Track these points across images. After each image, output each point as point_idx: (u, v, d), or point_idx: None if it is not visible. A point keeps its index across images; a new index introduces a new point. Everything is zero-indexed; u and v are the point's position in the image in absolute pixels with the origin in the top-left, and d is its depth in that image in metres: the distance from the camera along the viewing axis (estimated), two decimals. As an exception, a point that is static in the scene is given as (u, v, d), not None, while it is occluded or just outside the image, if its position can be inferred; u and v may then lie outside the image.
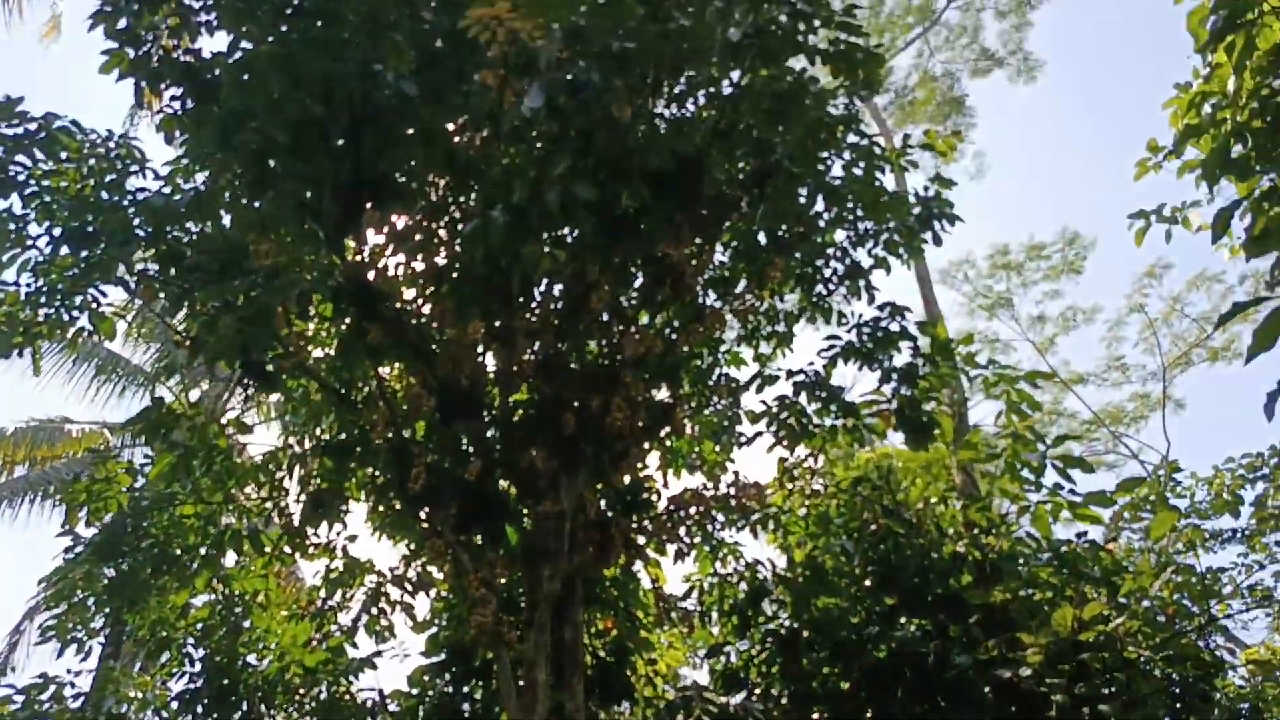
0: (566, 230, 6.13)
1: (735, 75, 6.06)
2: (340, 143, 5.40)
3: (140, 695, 7.00)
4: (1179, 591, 5.34)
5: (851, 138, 6.76)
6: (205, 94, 5.67)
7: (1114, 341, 21.81)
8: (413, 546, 7.24)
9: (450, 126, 6.03)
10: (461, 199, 6.26)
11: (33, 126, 5.48)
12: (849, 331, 6.92)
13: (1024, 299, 22.32)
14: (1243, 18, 4.05)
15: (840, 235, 7.31)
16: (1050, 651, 4.68)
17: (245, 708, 6.74)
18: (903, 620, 5.96)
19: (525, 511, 6.16)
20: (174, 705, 6.92)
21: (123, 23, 5.54)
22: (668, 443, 7.57)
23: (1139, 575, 5.39)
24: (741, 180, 6.55)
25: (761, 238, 7.03)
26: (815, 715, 6.19)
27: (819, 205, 6.92)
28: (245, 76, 5.21)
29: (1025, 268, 21.76)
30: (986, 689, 5.07)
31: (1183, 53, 4.97)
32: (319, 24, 5.22)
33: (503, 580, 5.99)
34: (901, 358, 6.77)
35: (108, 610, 6.97)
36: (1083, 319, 22.04)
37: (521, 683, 5.24)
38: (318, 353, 6.84)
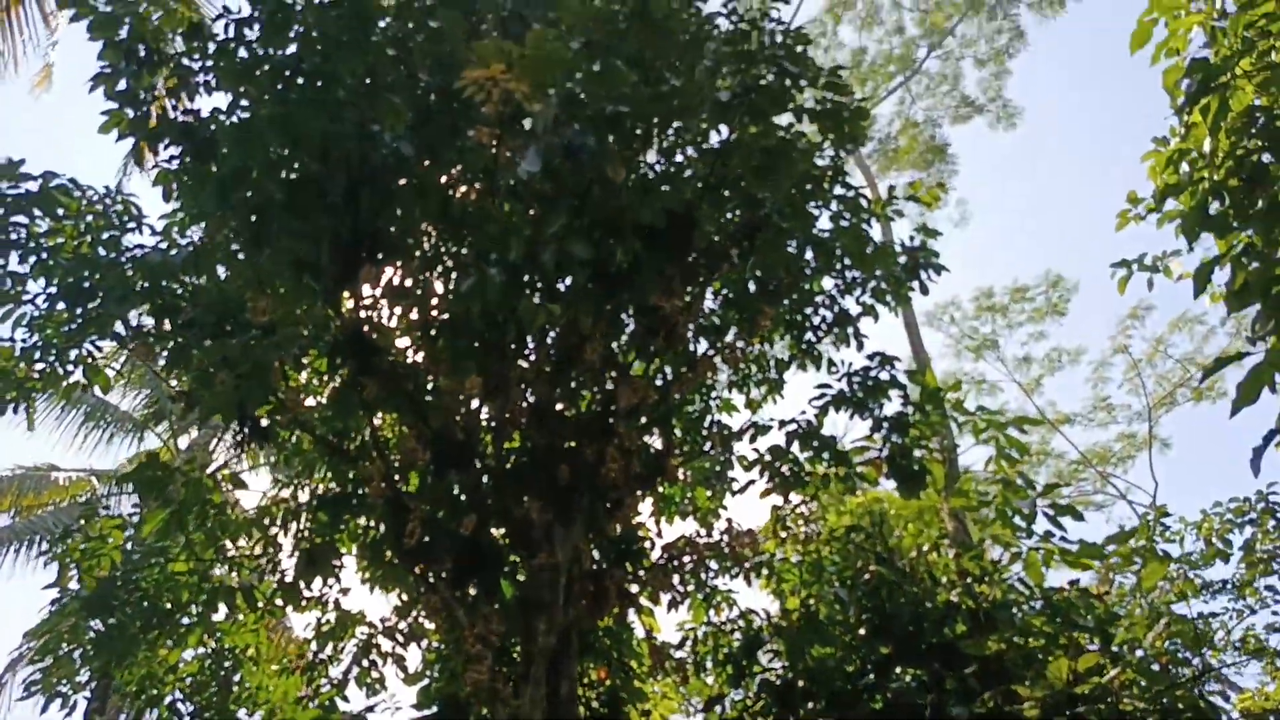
0: (560, 282, 6.21)
1: (724, 130, 6.20)
2: (338, 200, 5.49)
3: (128, 754, 6.89)
4: (1172, 639, 5.36)
5: (838, 189, 6.91)
6: (203, 152, 5.75)
7: (1099, 382, 22.06)
8: (404, 598, 7.19)
9: (444, 180, 6.13)
10: (454, 248, 6.34)
11: (33, 186, 5.54)
12: (839, 380, 6.99)
13: (1009, 340, 22.61)
14: (1216, 81, 4.19)
15: (828, 283, 7.43)
16: (1047, 704, 4.69)
17: (236, 766, 6.66)
18: (898, 670, 5.95)
19: (519, 563, 6.15)
20: (163, 764, 6.83)
21: (122, 84, 5.63)
22: (660, 490, 7.60)
23: (1133, 625, 5.41)
24: (731, 232, 6.67)
25: (751, 286, 7.14)
26: (812, 767, 6.15)
27: (807, 255, 7.05)
28: (244, 136, 5.30)
29: (1010, 310, 22.04)
30: (984, 741, 5.07)
31: (1158, 96, 5.13)
32: (317, 85, 5.32)
33: (496, 635, 5.96)
34: (891, 406, 6.85)
35: (94, 665, 6.88)
36: (1068, 360, 22.29)
37: (517, 739, 5.20)
38: (309, 401, 6.86)
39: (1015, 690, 4.93)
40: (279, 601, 6.72)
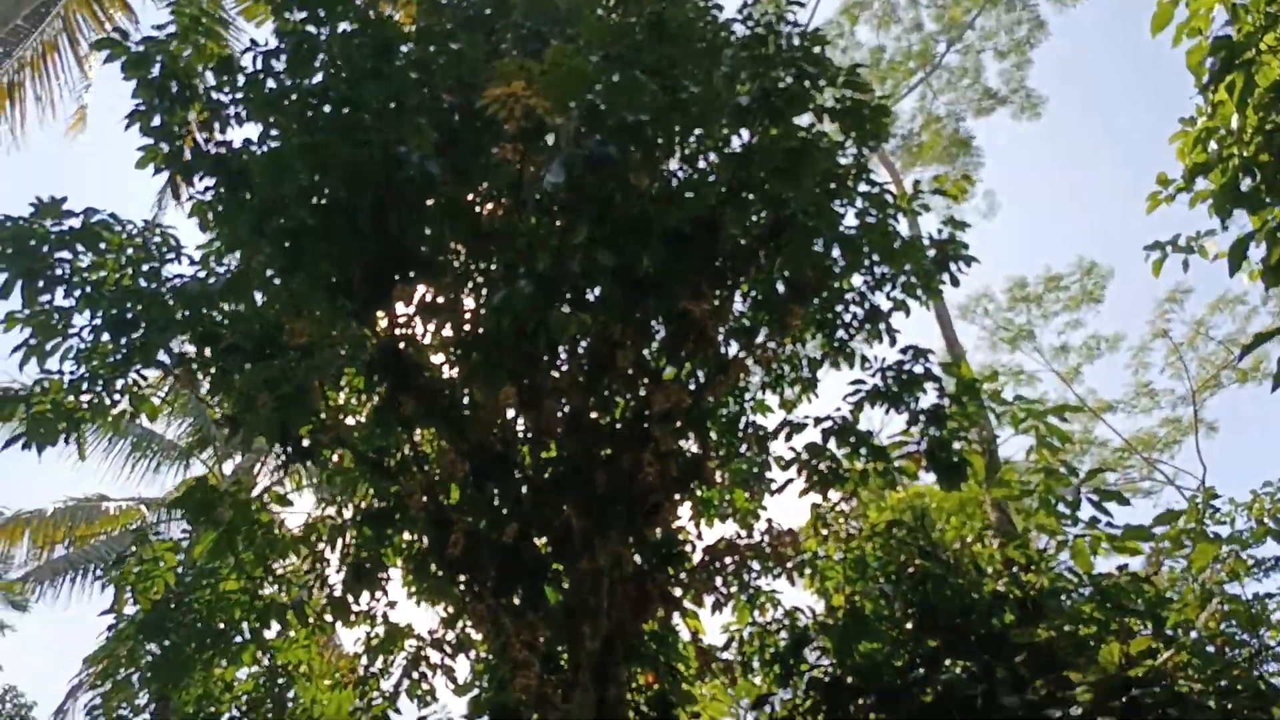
0: (589, 291, 6.28)
1: (745, 134, 6.24)
2: (367, 222, 5.60)
3: (190, 772, 7.04)
4: (1226, 620, 5.28)
5: (863, 186, 6.91)
6: (236, 182, 5.90)
7: (1140, 368, 21.70)
8: (451, 610, 7.27)
9: (471, 197, 6.24)
10: (484, 265, 6.43)
11: (75, 223, 5.71)
12: (873, 376, 6.98)
13: (1045, 330, 22.31)
14: (1240, 58, 4.16)
15: (858, 280, 7.42)
16: (1099, 689, 4.64)
17: (294, 781, 6.78)
18: (947, 662, 5.91)
19: (562, 571, 6.21)
20: (223, 782, 6.97)
21: (156, 120, 5.80)
22: (699, 493, 7.61)
23: (1184, 607, 5.34)
24: (757, 235, 6.69)
25: (780, 286, 7.15)
26: (864, 764, 6.12)
27: (835, 254, 7.05)
28: (274, 165, 5.44)
29: (1044, 299, 21.78)
30: (1037, 730, 5.01)
31: (1185, 76, 5.07)
32: (343, 111, 5.44)
33: (542, 640, 6.01)
34: (927, 399, 6.82)
35: (152, 687, 7.03)
36: (1106, 347, 21.98)
37: (568, 744, 5.25)
38: (350, 421, 6.98)
39: (1067, 676, 4.88)
40: (328, 617, 6.83)
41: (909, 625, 6.52)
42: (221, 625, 6.63)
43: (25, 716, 16.29)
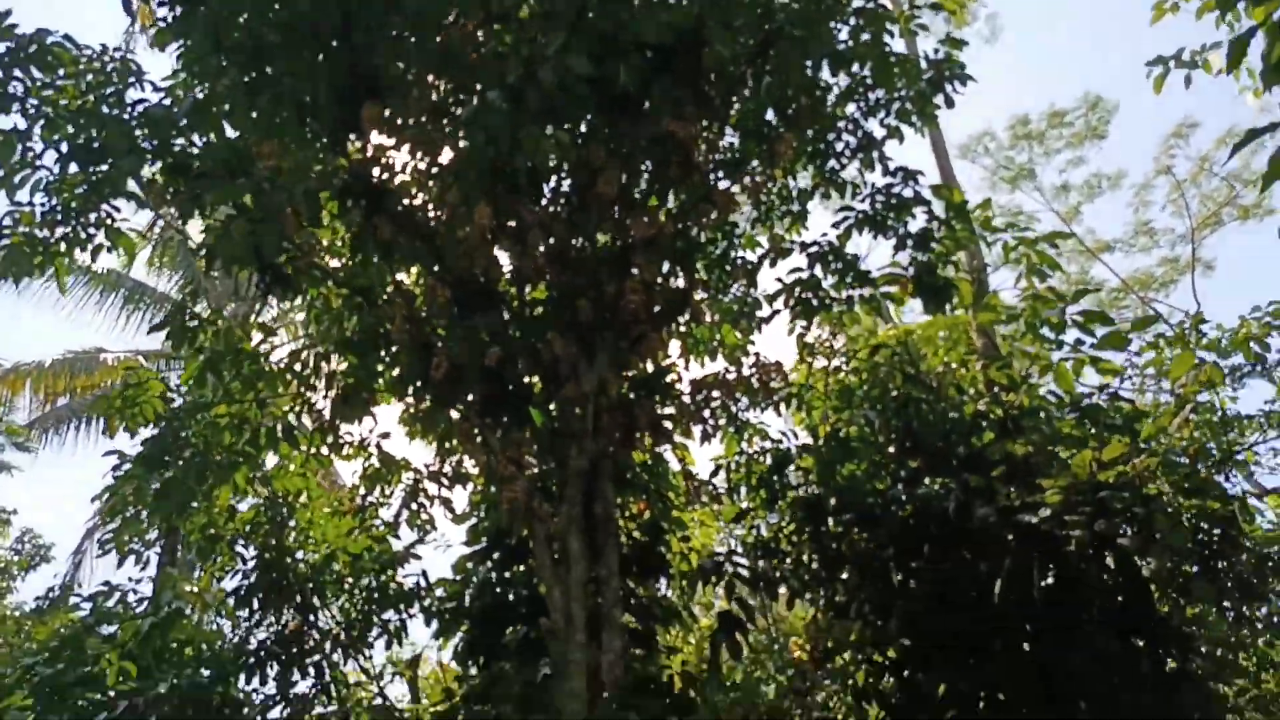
0: (569, 122, 6.05)
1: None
2: (331, 39, 5.34)
3: (197, 591, 7.37)
4: (1198, 430, 5.35)
5: (857, 1, 6.56)
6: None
7: (1141, 206, 21.32)
8: (446, 443, 7.39)
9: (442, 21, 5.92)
10: (461, 97, 6.19)
11: (26, 43, 5.42)
12: (862, 201, 6.84)
13: (1047, 169, 21.78)
14: None
15: (851, 108, 7.17)
16: (1069, 494, 4.76)
17: (298, 599, 7.08)
18: (926, 480, 6.05)
19: (549, 399, 6.27)
20: (230, 602, 7.29)
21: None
22: (688, 330, 7.62)
23: (1160, 416, 5.40)
24: (744, 54, 6.40)
25: (771, 115, 6.91)
26: (844, 577, 6.37)
27: (826, 74, 6.76)
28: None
29: (1047, 136, 21.17)
30: (1009, 536, 5.18)
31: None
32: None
33: (533, 465, 6.13)
34: (916, 223, 6.71)
35: (158, 519, 7.25)
36: (1108, 185, 21.53)
37: (556, 555, 5.44)
38: (335, 263, 6.90)
39: (1039, 484, 4.99)
40: (324, 449, 6.96)
41: (891, 448, 6.63)
42: (218, 457, 6.75)
43: (45, 556, 17.01)
